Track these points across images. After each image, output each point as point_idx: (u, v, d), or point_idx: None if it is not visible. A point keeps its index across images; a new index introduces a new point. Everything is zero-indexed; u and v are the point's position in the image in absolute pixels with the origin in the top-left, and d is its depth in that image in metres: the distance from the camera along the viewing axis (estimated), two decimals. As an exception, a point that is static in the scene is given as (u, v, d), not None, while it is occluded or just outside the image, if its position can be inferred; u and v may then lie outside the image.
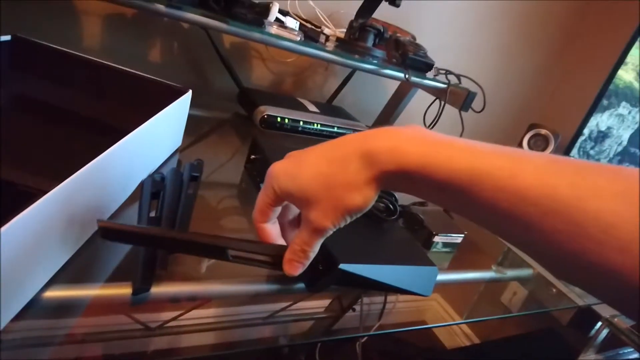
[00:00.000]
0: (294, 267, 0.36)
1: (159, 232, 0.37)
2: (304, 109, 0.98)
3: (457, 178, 0.27)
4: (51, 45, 0.63)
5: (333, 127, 0.96)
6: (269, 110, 0.87)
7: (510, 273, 0.73)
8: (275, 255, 0.36)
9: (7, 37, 0.60)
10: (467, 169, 0.26)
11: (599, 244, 0.22)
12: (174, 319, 0.39)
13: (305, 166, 0.33)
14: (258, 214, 0.37)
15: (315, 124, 0.94)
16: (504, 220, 0.26)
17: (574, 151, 1.22)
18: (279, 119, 0.88)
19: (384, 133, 0.30)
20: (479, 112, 0.98)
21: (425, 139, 0.29)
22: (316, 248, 0.35)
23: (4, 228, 0.27)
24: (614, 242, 0.22)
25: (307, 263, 0.36)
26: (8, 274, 0.29)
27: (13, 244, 0.29)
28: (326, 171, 0.31)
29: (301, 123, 0.91)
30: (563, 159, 0.26)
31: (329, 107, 1.10)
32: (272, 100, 0.94)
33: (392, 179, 0.30)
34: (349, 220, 0.33)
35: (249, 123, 0.90)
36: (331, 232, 0.34)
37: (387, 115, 1.17)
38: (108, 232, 0.35)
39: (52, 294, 0.36)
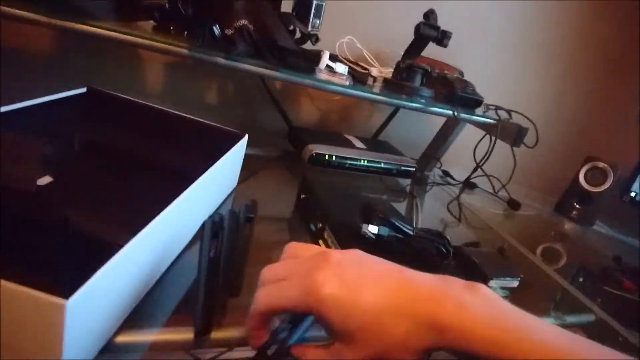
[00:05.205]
0: None
1: None
2: (351, 145, 1.00)
3: None
4: (120, 95, 0.69)
5: (380, 162, 0.97)
6: (317, 149, 0.90)
7: (570, 318, 0.69)
8: None
9: (83, 90, 0.67)
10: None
11: None
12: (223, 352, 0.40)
13: (362, 303, 0.30)
14: (261, 314, 0.33)
15: (362, 160, 0.95)
16: None
17: (635, 185, 1.15)
18: (326, 157, 0.91)
19: (454, 303, 0.30)
20: (532, 147, 0.96)
21: (495, 319, 0.29)
22: None
23: (86, 285, 0.29)
24: None
25: None
26: (89, 324, 0.32)
27: (93, 301, 0.31)
28: (387, 324, 0.30)
29: (348, 160, 0.94)
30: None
31: (375, 142, 1.12)
32: (320, 138, 0.97)
33: (450, 350, 0.30)
34: None
35: (299, 160, 0.93)
36: None
37: (435, 150, 1.17)
38: None
39: (121, 339, 0.38)
